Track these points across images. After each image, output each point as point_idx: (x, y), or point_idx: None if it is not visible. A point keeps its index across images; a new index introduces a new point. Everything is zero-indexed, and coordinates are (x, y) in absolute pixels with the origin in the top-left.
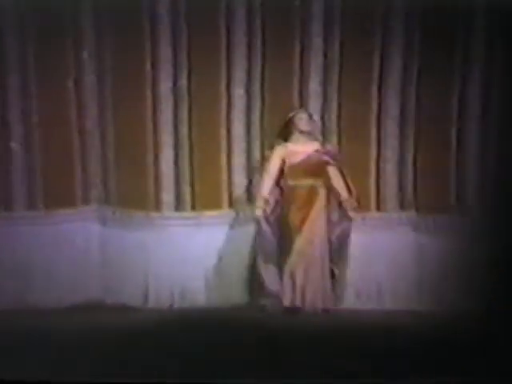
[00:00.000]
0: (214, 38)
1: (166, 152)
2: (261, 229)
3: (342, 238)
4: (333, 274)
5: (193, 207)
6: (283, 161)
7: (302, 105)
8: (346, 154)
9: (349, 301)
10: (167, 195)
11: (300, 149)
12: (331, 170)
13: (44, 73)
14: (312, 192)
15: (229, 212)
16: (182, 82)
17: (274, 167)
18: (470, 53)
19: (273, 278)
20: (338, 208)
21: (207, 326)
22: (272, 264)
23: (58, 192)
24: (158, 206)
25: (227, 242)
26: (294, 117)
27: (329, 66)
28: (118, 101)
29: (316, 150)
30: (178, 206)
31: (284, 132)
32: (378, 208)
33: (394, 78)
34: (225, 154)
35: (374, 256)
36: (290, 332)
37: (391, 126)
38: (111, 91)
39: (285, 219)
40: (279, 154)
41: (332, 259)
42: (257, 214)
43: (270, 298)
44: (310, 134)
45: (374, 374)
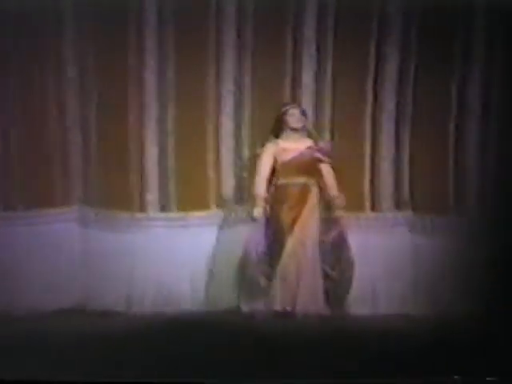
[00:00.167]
0: (202, 30)
1: (151, 149)
2: (256, 230)
3: (338, 238)
4: (327, 277)
5: (179, 207)
6: (275, 159)
7: (294, 100)
8: (340, 152)
9: None
10: (152, 195)
11: (292, 146)
12: (324, 168)
13: (23, 69)
14: (304, 190)
15: (217, 212)
16: (168, 76)
17: (266, 166)
18: (470, 51)
19: (263, 281)
20: (331, 207)
21: (194, 331)
22: (263, 267)
23: (36, 191)
24: (142, 207)
25: (215, 243)
26: (284, 113)
27: (322, 60)
28: (101, 96)
29: (308, 147)
30: (163, 206)
31: (275, 129)
32: (373, 208)
33: (391, 73)
34: (212, 152)
35: (368, 258)
36: (280, 338)
37: (387, 122)
38: (93, 86)
39: (276, 219)
40: (270, 152)
41: (326, 261)
42: (256, 215)
43: (261, 301)
44: (302, 131)
45: (366, 375)
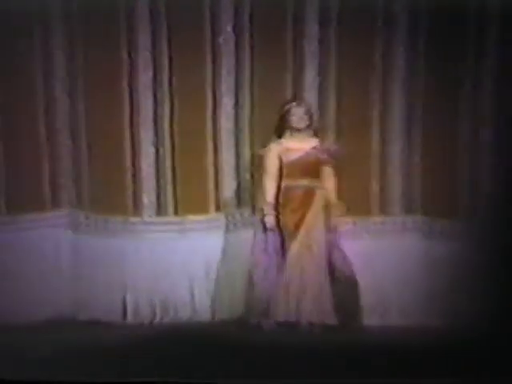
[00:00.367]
0: (198, 24)
1: (146, 149)
2: (260, 236)
3: (338, 244)
4: (335, 284)
5: (176, 211)
6: (280, 159)
7: (296, 98)
8: (346, 153)
9: None
10: (147, 198)
11: (296, 146)
12: (325, 170)
13: (9, 69)
14: (308, 193)
15: (216, 216)
16: (163, 72)
17: (274, 167)
18: (483, 50)
19: (267, 290)
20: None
21: (192, 344)
22: (269, 274)
23: (23, 194)
24: (136, 210)
25: (215, 249)
26: (287, 112)
27: (325, 55)
28: (92, 93)
29: (314, 148)
30: (159, 209)
31: (278, 128)
32: (382, 212)
33: (399, 68)
34: (212, 152)
35: (377, 265)
36: (282, 352)
37: (395, 121)
38: (84, 82)
39: (279, 224)
40: (275, 152)
41: (335, 268)
42: (269, 223)
43: (264, 312)
44: (306, 130)
45: None
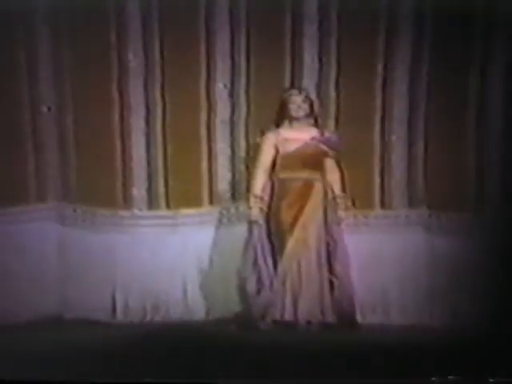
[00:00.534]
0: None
1: (137, 138)
2: (255, 232)
3: (337, 239)
4: (332, 283)
5: (168, 204)
6: (276, 150)
7: (294, 83)
8: (346, 142)
9: None
10: (138, 190)
11: (294, 136)
12: (328, 162)
13: None
14: (307, 186)
15: (210, 210)
16: (155, 58)
17: (267, 158)
18: (492, 42)
19: (263, 288)
20: (332, 205)
21: (185, 343)
22: (262, 272)
23: (7, 187)
24: (126, 203)
25: (208, 245)
26: (285, 101)
27: (325, 38)
28: (79, 78)
29: (313, 138)
30: (150, 202)
31: (278, 116)
32: (383, 205)
33: (403, 52)
34: (205, 142)
35: (378, 261)
36: (279, 352)
37: (399, 108)
38: (71, 67)
39: (276, 218)
40: (271, 142)
41: (331, 265)
42: (254, 216)
43: (259, 310)
44: (305, 119)
45: None
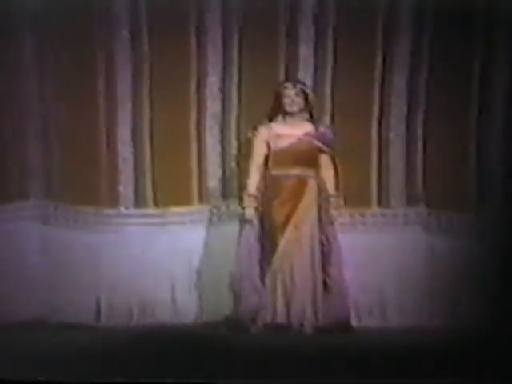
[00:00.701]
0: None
1: (123, 133)
2: (247, 232)
3: (331, 239)
4: (326, 285)
5: (156, 202)
6: (268, 146)
7: (288, 75)
8: (342, 137)
9: None
10: (124, 188)
11: (287, 131)
12: (322, 158)
13: None
14: (300, 184)
15: (200, 208)
16: (143, 49)
17: (259, 154)
18: (493, 40)
19: (254, 290)
20: (325, 204)
21: (172, 347)
22: (253, 273)
23: None
24: (112, 202)
25: (198, 244)
26: (280, 93)
27: (321, 29)
28: (62, 72)
29: (307, 133)
30: (137, 200)
31: (273, 110)
32: (381, 203)
33: (402, 47)
34: (194, 137)
35: (375, 261)
36: (271, 356)
37: (397, 104)
38: (53, 60)
39: (268, 217)
40: (263, 138)
41: (325, 266)
42: (249, 216)
43: (250, 313)
44: (299, 114)
45: None
